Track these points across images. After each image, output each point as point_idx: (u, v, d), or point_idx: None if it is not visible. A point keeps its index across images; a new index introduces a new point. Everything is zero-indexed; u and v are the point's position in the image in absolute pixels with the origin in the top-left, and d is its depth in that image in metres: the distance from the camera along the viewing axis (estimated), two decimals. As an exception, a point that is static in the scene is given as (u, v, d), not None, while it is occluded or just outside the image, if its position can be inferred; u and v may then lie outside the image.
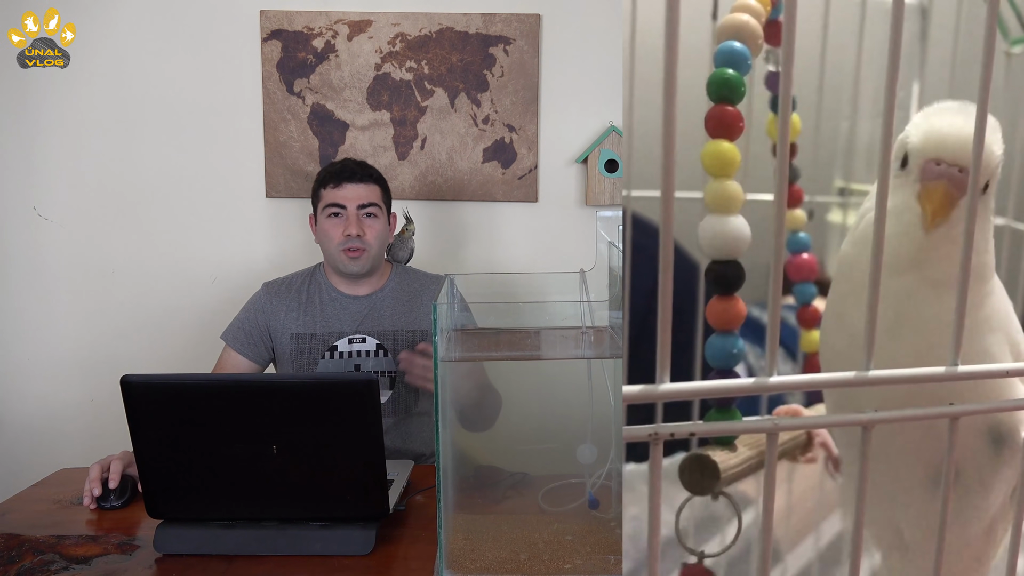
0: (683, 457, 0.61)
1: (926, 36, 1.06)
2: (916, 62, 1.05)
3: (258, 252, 2.10)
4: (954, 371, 0.56)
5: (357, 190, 1.52)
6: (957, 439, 0.58)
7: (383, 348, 1.55)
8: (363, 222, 1.52)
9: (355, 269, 1.53)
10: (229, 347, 1.57)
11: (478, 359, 1.29)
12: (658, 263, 0.46)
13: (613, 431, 1.04)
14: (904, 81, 1.08)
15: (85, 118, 2.05)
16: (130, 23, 2.03)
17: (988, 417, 0.68)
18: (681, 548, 0.64)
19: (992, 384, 0.66)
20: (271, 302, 1.58)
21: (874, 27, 1.02)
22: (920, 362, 0.58)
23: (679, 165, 0.46)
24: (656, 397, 0.49)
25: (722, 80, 0.56)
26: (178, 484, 1.07)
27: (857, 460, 0.56)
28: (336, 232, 1.51)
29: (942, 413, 0.58)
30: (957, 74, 1.00)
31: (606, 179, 2.02)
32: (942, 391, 0.60)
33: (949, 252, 0.64)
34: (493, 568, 0.97)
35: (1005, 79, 1.08)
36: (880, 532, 0.78)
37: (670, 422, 0.51)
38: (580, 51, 2.03)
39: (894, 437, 0.69)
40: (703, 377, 0.55)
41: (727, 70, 0.56)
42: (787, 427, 0.54)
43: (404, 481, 1.24)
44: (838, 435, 0.83)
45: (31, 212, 2.08)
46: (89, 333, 2.11)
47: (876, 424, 0.55)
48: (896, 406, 0.56)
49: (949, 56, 1.02)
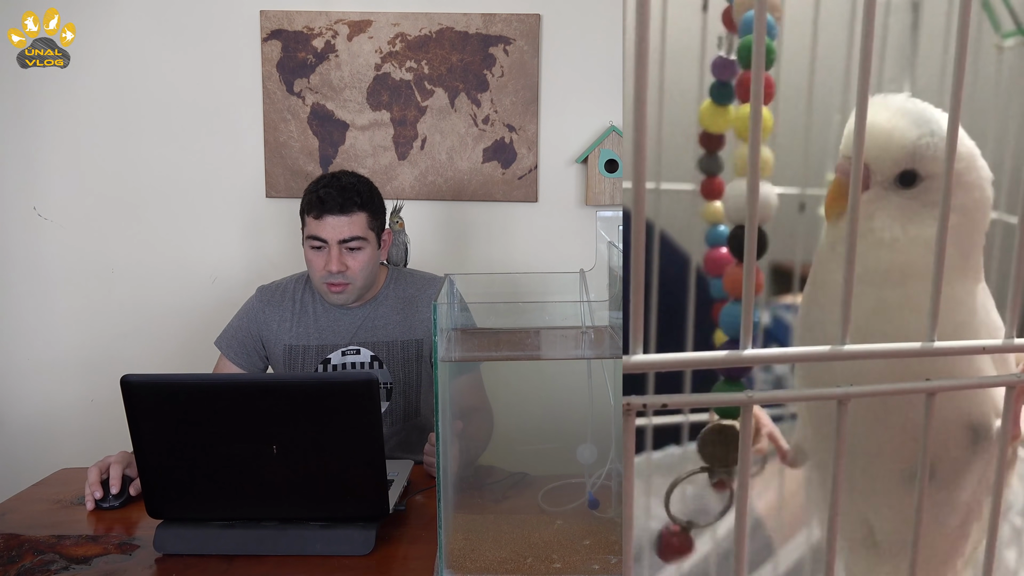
0: (704, 430, 0.60)
1: (917, 28, 1.05)
2: (908, 55, 1.05)
3: (258, 252, 2.10)
4: (930, 347, 0.56)
5: (339, 224, 1.42)
6: (934, 414, 0.57)
7: (378, 360, 1.52)
8: (345, 256, 1.44)
9: (338, 302, 1.50)
10: (223, 356, 1.55)
11: (478, 359, 1.29)
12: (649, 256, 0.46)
13: (613, 431, 1.04)
14: (896, 74, 1.08)
15: (85, 118, 2.05)
16: (130, 23, 2.03)
17: (967, 412, 0.67)
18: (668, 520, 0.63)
19: (967, 372, 0.66)
20: (264, 311, 1.54)
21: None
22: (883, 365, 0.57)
23: (672, 157, 0.46)
24: (627, 368, 0.49)
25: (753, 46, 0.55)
26: (178, 484, 1.07)
27: (829, 449, 0.55)
28: (318, 264, 1.45)
29: (918, 388, 0.57)
30: (949, 67, 1.00)
31: (606, 179, 2.02)
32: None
33: (859, 247, 0.63)
34: (493, 568, 0.97)
35: (996, 72, 1.08)
36: (849, 530, 0.78)
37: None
38: (580, 51, 2.04)
39: (871, 435, 0.69)
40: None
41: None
42: (761, 400, 0.53)
43: (404, 481, 1.24)
44: (811, 433, 0.81)
45: (31, 212, 2.08)
46: (89, 333, 2.11)
47: (851, 398, 0.54)
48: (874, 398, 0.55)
49: (941, 49, 1.02)
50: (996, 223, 1.09)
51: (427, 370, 1.55)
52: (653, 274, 0.99)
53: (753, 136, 0.48)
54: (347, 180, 1.46)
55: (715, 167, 0.84)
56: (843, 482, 0.56)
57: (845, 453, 0.55)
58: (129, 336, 2.11)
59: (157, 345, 2.10)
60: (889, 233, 0.67)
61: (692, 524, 0.63)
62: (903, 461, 0.69)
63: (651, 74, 0.90)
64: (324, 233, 1.42)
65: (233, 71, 2.04)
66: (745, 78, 0.56)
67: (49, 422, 2.13)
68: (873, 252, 0.67)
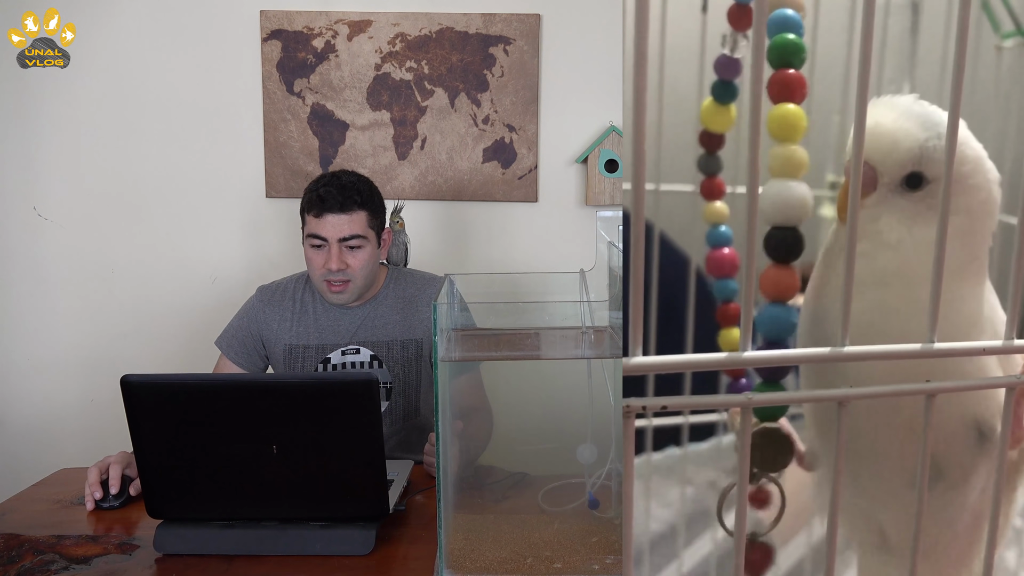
0: (754, 433, 0.58)
1: (917, 30, 1.05)
2: (907, 56, 1.05)
3: (258, 252, 2.10)
4: (930, 348, 0.54)
5: (339, 222, 1.42)
6: (934, 415, 0.57)
7: (377, 359, 1.52)
8: (346, 254, 1.44)
9: (338, 301, 1.50)
10: (224, 356, 1.55)
11: (478, 359, 1.29)
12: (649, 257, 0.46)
13: (613, 431, 1.04)
14: (896, 75, 1.08)
15: (85, 118, 2.05)
16: (130, 23, 2.03)
17: (972, 412, 0.67)
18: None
19: (973, 372, 0.65)
20: (264, 311, 1.55)
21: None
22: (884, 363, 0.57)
23: (672, 158, 0.46)
24: (627, 370, 0.48)
25: (783, 44, 0.55)
26: (178, 484, 1.07)
27: (833, 450, 0.55)
28: (318, 262, 1.46)
29: (919, 389, 0.56)
30: (949, 68, 0.99)
31: (606, 179, 2.02)
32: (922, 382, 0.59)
33: (863, 248, 0.63)
34: (493, 568, 0.97)
35: (996, 72, 1.07)
36: (861, 534, 0.78)
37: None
38: (580, 51, 2.03)
39: (876, 436, 0.69)
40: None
41: (787, 35, 0.55)
42: (761, 402, 0.52)
43: (404, 481, 1.24)
44: (815, 435, 0.81)
45: (31, 212, 2.08)
46: (89, 333, 2.11)
47: (851, 400, 0.53)
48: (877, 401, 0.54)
49: (940, 50, 1.02)
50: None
51: (427, 370, 1.55)
52: (653, 275, 0.99)
53: (752, 137, 0.48)
54: (347, 179, 1.47)
55: (715, 167, 0.84)
56: (842, 483, 0.55)
57: (844, 454, 0.54)
58: (129, 336, 2.11)
59: (157, 345, 2.10)
60: (895, 235, 0.67)
61: (754, 535, 0.61)
62: (910, 462, 0.68)
63: (651, 74, 0.90)
64: (324, 231, 1.43)
65: (233, 71, 2.04)
66: (777, 77, 0.55)
67: (49, 422, 2.13)
68: (879, 254, 0.67)
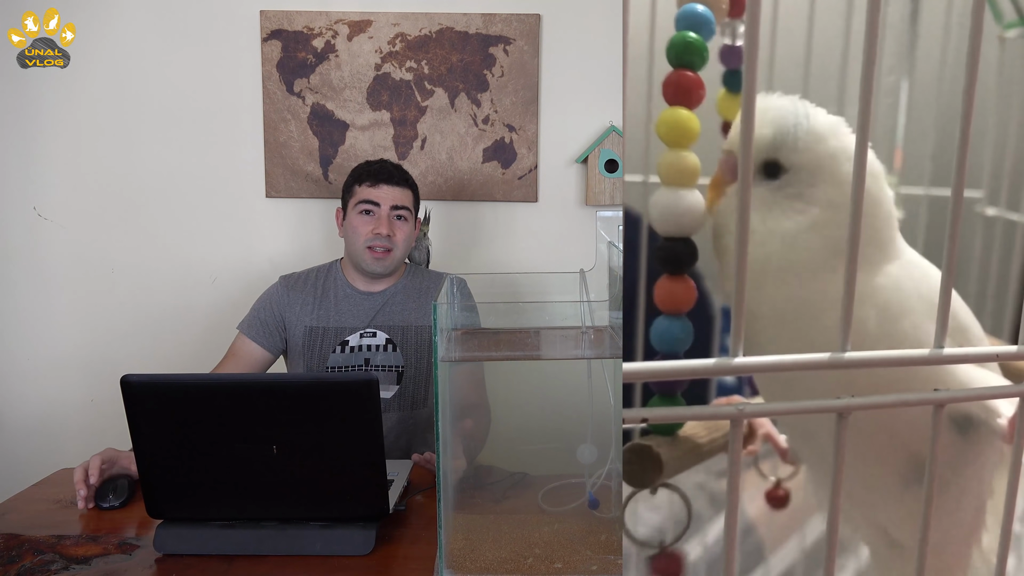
0: (625, 449, 0.56)
1: (916, 19, 1.05)
2: (906, 45, 1.04)
3: (258, 252, 2.09)
4: (939, 354, 0.52)
5: (393, 192, 1.55)
6: (940, 427, 0.54)
7: (392, 343, 1.58)
8: (394, 223, 1.55)
9: (379, 269, 1.57)
10: (243, 335, 1.59)
11: (478, 359, 1.28)
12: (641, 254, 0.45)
13: (613, 431, 1.04)
14: (895, 64, 1.07)
15: (85, 118, 2.05)
16: (130, 23, 2.03)
17: (945, 407, 0.65)
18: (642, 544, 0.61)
19: (941, 370, 0.61)
20: (288, 295, 1.61)
21: (862, 9, 1.01)
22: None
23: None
24: (625, 377, 0.47)
25: (683, 43, 0.52)
26: (178, 484, 1.07)
27: (813, 453, 0.53)
28: (365, 229, 1.54)
29: (926, 400, 0.53)
30: (948, 57, 0.99)
31: (606, 179, 2.02)
32: (899, 384, 0.56)
33: (726, 242, 0.61)
34: (493, 568, 0.97)
35: (999, 63, 1.07)
36: (865, 532, 0.78)
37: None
38: (580, 51, 2.03)
39: (856, 442, 0.67)
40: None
41: (689, 33, 0.53)
42: (752, 413, 0.50)
43: (404, 481, 1.24)
44: (790, 431, 0.79)
45: (31, 212, 2.08)
46: (89, 333, 2.11)
47: (852, 411, 0.51)
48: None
49: (940, 39, 1.01)
50: (996, 220, 1.08)
51: None
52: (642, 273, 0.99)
53: (745, 135, 0.48)
54: (394, 164, 1.62)
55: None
56: (841, 491, 0.54)
57: (826, 458, 0.52)
58: (129, 336, 2.10)
59: (157, 345, 2.10)
60: (752, 226, 0.63)
61: (665, 545, 0.60)
62: (894, 464, 0.67)
63: (651, 73, 0.90)
64: (379, 197, 1.54)
65: (233, 71, 2.04)
66: (673, 78, 0.52)
67: (49, 422, 2.13)
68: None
